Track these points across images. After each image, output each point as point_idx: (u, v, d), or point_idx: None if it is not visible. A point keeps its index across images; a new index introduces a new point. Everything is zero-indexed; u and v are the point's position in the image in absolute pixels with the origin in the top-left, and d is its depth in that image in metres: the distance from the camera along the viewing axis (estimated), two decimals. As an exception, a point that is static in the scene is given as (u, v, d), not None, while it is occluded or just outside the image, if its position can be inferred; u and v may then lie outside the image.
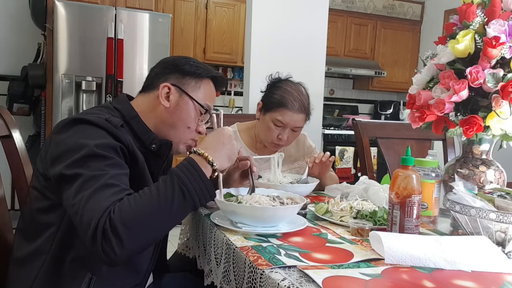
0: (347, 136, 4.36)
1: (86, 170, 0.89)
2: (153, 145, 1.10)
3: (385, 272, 0.86)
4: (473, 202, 0.99)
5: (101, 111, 1.06)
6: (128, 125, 1.08)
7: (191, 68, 1.14)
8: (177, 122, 1.13)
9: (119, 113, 1.09)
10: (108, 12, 3.40)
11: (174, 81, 1.13)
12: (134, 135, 1.09)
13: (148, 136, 1.10)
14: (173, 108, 1.12)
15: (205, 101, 1.16)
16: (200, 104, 1.14)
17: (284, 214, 1.12)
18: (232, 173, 1.34)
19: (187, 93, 1.13)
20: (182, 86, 1.13)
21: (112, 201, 0.86)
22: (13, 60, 3.78)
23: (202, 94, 1.15)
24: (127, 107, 1.12)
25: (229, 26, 4.32)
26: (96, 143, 0.92)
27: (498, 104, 1.11)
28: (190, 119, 1.14)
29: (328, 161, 1.61)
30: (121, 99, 1.15)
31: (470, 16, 1.20)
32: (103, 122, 0.96)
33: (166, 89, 1.12)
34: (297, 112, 1.64)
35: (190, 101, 1.13)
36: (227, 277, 1.01)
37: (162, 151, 1.13)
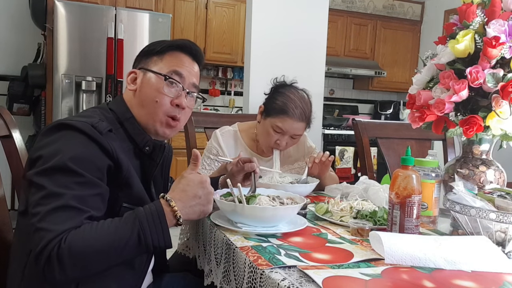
0: (347, 136, 4.36)
1: (51, 184, 0.87)
2: (146, 147, 1.09)
3: (385, 272, 0.86)
4: (473, 202, 0.99)
5: (94, 113, 1.06)
6: (122, 126, 1.08)
7: (154, 46, 1.15)
8: (144, 100, 1.10)
9: (114, 114, 1.09)
10: (108, 12, 3.40)
11: (140, 65, 1.15)
12: (128, 137, 1.08)
13: (142, 137, 1.09)
14: (139, 88, 1.12)
15: (169, 68, 1.12)
16: (159, 73, 1.10)
17: (284, 214, 1.12)
18: (236, 174, 1.35)
19: (147, 69, 1.12)
20: (145, 66, 1.13)
21: (67, 227, 0.84)
22: (13, 60, 3.78)
23: (165, 64, 1.12)
24: (123, 108, 1.11)
25: (229, 26, 4.32)
26: (72, 156, 0.90)
27: (498, 104, 1.11)
28: (155, 92, 1.09)
29: (327, 160, 1.61)
30: (117, 100, 1.14)
31: (470, 16, 1.20)
32: (88, 127, 0.94)
33: (133, 74, 1.14)
34: (298, 120, 1.63)
35: (151, 75, 1.11)
36: (227, 277, 1.01)
37: (156, 154, 1.12)
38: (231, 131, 1.78)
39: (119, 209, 1.00)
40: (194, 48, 1.18)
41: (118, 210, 0.99)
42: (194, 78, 1.16)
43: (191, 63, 1.17)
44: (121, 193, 1.00)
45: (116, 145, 0.99)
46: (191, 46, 1.17)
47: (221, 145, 1.72)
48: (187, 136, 1.95)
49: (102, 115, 1.06)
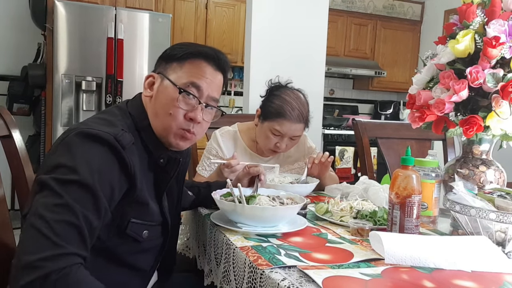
0: (347, 136, 4.35)
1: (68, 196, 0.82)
2: (161, 159, 1.04)
3: (385, 272, 0.86)
4: (473, 202, 0.99)
5: (116, 118, 1.00)
6: (140, 134, 1.03)
7: (175, 51, 1.06)
8: (158, 110, 1.04)
9: (133, 119, 1.04)
10: (108, 12, 3.39)
11: (159, 70, 1.07)
12: (145, 146, 1.03)
13: (157, 149, 1.05)
14: (155, 96, 1.05)
15: (187, 79, 1.03)
16: (175, 83, 1.03)
17: (284, 214, 1.12)
18: (241, 178, 1.35)
19: (166, 76, 1.05)
20: (164, 72, 1.06)
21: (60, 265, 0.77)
22: (13, 60, 3.78)
23: (184, 73, 1.04)
24: (141, 114, 1.05)
25: (229, 26, 4.32)
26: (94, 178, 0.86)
27: (498, 104, 1.11)
28: (169, 104, 1.02)
29: (327, 161, 1.61)
30: (137, 103, 1.08)
31: (470, 16, 1.20)
32: (112, 140, 0.90)
33: (151, 78, 1.07)
34: (296, 121, 1.62)
35: (168, 84, 1.03)
36: (227, 277, 1.01)
37: (170, 167, 1.06)
38: (230, 131, 1.78)
39: (127, 224, 0.97)
40: (219, 56, 1.09)
41: (126, 225, 0.97)
42: (215, 91, 1.08)
43: (214, 73, 1.07)
44: (130, 209, 0.97)
45: (135, 160, 0.95)
46: (216, 55, 1.08)
47: (221, 146, 1.72)
48: (187, 136, 1.94)
49: (124, 122, 1.01)
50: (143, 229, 1.00)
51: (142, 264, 1.07)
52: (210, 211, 1.26)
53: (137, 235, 1.00)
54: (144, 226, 1.01)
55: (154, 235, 1.05)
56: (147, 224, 1.02)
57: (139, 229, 1.00)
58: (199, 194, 1.36)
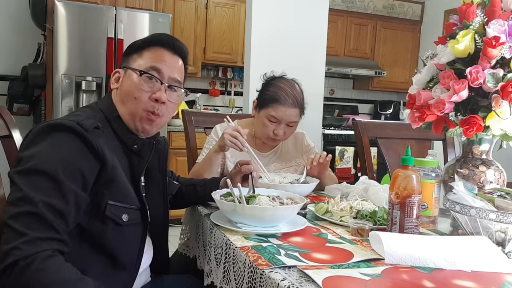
0: (347, 136, 4.35)
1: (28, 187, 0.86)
2: (134, 145, 1.10)
3: (385, 272, 0.86)
4: (473, 202, 0.99)
5: (83, 112, 1.07)
6: (110, 125, 1.09)
7: (133, 43, 1.15)
8: (124, 97, 1.12)
9: (102, 113, 1.10)
10: (108, 12, 3.39)
11: (123, 64, 1.15)
12: (117, 136, 1.09)
13: (129, 136, 1.10)
14: (120, 86, 1.14)
15: (148, 64, 1.11)
16: (136, 69, 1.11)
17: (284, 214, 1.12)
18: (233, 176, 1.36)
19: (128, 66, 1.13)
20: (126, 64, 1.14)
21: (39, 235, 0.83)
22: (13, 60, 3.78)
23: (144, 60, 1.12)
24: (110, 107, 1.12)
25: (229, 26, 4.32)
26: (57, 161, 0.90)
27: (498, 104, 1.11)
28: (134, 89, 1.10)
29: (325, 161, 1.61)
30: (105, 99, 1.16)
31: (470, 16, 1.20)
32: (74, 125, 0.95)
33: (117, 74, 1.15)
34: (291, 106, 1.65)
35: (131, 72, 1.12)
36: (227, 277, 1.01)
37: (144, 151, 1.12)
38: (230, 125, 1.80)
39: (105, 206, 1.00)
40: (173, 42, 1.16)
41: (104, 208, 1.00)
42: (176, 72, 1.15)
43: (172, 57, 1.15)
44: (107, 190, 1.00)
45: (102, 142, 0.99)
46: (170, 40, 1.16)
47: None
48: (187, 136, 1.95)
49: (91, 114, 1.07)
50: (122, 211, 1.03)
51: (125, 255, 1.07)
52: (210, 211, 1.26)
53: (117, 217, 1.02)
54: (123, 208, 1.03)
55: (134, 219, 1.07)
56: (126, 207, 1.04)
57: (118, 211, 1.02)
58: (195, 191, 1.39)
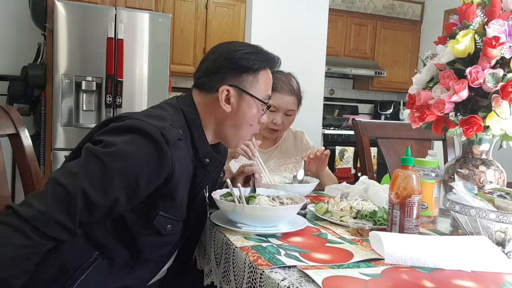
0: (347, 136, 4.35)
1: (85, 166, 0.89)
2: (206, 159, 1.08)
3: (385, 272, 0.86)
4: (473, 202, 0.99)
5: (166, 113, 1.04)
6: (190, 131, 1.07)
7: (247, 63, 1.09)
8: (240, 123, 1.12)
9: (183, 116, 1.07)
10: (108, 12, 3.39)
11: (232, 81, 1.09)
12: (192, 142, 1.07)
13: (204, 148, 1.08)
14: (235, 110, 1.10)
15: (265, 92, 1.14)
16: (261, 99, 1.12)
17: (284, 214, 1.12)
18: (236, 177, 1.36)
19: (247, 91, 1.10)
20: (240, 85, 1.09)
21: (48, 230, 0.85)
22: (13, 60, 3.78)
23: (261, 87, 1.12)
24: (193, 112, 1.09)
25: (229, 26, 4.32)
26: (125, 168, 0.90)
27: (498, 104, 1.11)
28: (253, 117, 1.13)
29: (323, 155, 1.62)
30: (188, 101, 1.11)
31: (470, 16, 1.20)
32: (157, 134, 0.92)
33: (226, 92, 1.09)
34: (287, 94, 1.71)
35: (251, 99, 1.11)
36: (227, 277, 1.01)
37: (212, 167, 1.10)
38: None
39: (155, 216, 0.99)
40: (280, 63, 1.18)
41: (154, 217, 0.99)
42: None
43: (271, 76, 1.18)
44: (162, 203, 0.99)
45: (179, 155, 0.97)
46: (279, 63, 1.18)
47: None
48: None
49: (174, 117, 1.04)
50: (168, 223, 1.02)
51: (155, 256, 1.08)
52: (210, 211, 1.26)
53: (162, 228, 1.01)
54: (170, 220, 1.02)
55: (176, 229, 1.06)
56: (173, 219, 1.03)
57: (165, 222, 1.02)
58: None
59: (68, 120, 3.31)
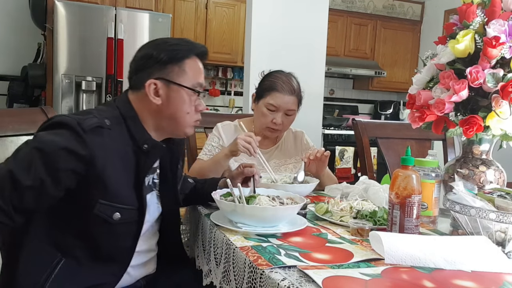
0: (347, 136, 4.35)
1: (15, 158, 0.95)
2: (145, 145, 1.10)
3: (385, 272, 0.86)
4: (473, 202, 0.99)
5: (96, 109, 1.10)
6: (125, 123, 1.10)
7: (170, 53, 1.12)
8: (174, 113, 1.13)
9: (118, 112, 1.11)
10: (108, 12, 3.39)
11: (157, 75, 1.11)
12: (128, 133, 1.10)
13: (142, 136, 1.11)
14: (166, 102, 1.12)
15: (194, 80, 1.14)
16: (190, 87, 1.13)
17: (284, 214, 1.12)
18: (235, 177, 1.37)
19: (173, 82, 1.12)
20: (166, 77, 1.12)
21: None
22: (13, 60, 3.78)
23: (189, 75, 1.13)
24: (127, 106, 1.13)
25: (229, 26, 4.32)
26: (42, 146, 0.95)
27: (498, 104, 1.11)
28: (186, 105, 1.14)
29: (323, 156, 1.61)
30: (123, 99, 1.15)
31: (470, 16, 1.20)
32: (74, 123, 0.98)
33: (153, 85, 1.11)
34: (288, 94, 1.70)
35: (179, 88, 1.12)
36: (227, 277, 1.01)
37: (153, 153, 1.12)
38: (231, 124, 1.84)
39: (94, 205, 1.02)
40: (207, 54, 1.20)
41: (93, 205, 1.02)
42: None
43: (201, 65, 1.19)
44: (96, 190, 1.01)
45: (100, 142, 1.00)
46: (207, 54, 1.20)
47: (221, 135, 1.78)
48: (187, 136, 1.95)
49: (104, 112, 1.08)
50: (113, 211, 1.04)
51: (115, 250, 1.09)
52: (210, 211, 1.26)
53: (107, 216, 1.03)
54: (115, 208, 1.04)
55: (127, 218, 1.07)
56: (118, 207, 1.05)
57: (109, 210, 1.03)
58: (195, 189, 1.40)
59: (68, 120, 3.31)
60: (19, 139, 1.26)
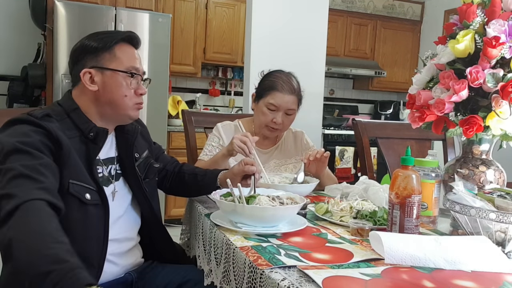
0: (347, 136, 4.35)
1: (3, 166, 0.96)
2: (90, 133, 1.15)
3: (385, 272, 0.86)
4: (473, 202, 0.99)
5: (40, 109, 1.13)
6: (69, 117, 1.15)
7: (98, 43, 1.19)
8: (112, 98, 1.18)
9: (61, 107, 1.16)
10: (108, 12, 3.39)
11: (90, 64, 1.18)
12: (75, 126, 1.15)
13: (86, 125, 1.15)
14: (102, 88, 1.17)
15: (128, 64, 1.19)
16: (122, 70, 1.18)
17: (284, 214, 1.12)
18: (236, 173, 1.37)
19: (106, 67, 1.17)
20: (99, 64, 1.17)
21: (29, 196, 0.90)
22: (13, 60, 3.78)
23: (121, 60, 1.19)
24: (69, 101, 1.19)
25: (229, 26, 4.32)
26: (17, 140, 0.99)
27: (498, 104, 1.11)
28: (123, 89, 1.18)
29: (323, 157, 1.62)
30: (65, 97, 1.22)
31: (470, 16, 1.20)
32: (25, 116, 1.05)
33: (88, 74, 1.17)
34: (288, 93, 1.71)
35: (113, 73, 1.18)
36: (227, 277, 1.01)
37: (99, 139, 1.17)
38: (231, 124, 1.85)
39: (68, 185, 1.05)
40: (136, 38, 1.26)
41: (67, 187, 1.05)
42: (142, 65, 1.26)
43: (135, 51, 1.25)
44: (66, 171, 1.06)
45: (55, 126, 1.06)
46: (136, 38, 1.26)
47: (222, 135, 1.78)
48: (187, 136, 1.95)
49: (48, 109, 1.13)
50: (84, 191, 1.09)
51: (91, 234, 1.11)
52: (210, 211, 1.26)
53: (81, 196, 1.08)
54: (85, 188, 1.09)
55: (95, 199, 1.12)
56: (87, 187, 1.10)
57: (81, 190, 1.08)
58: (196, 180, 1.43)
59: (68, 120, 3.31)
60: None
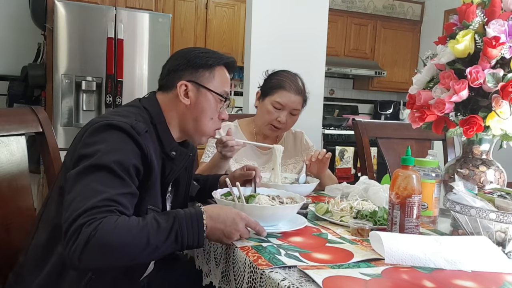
0: (347, 136, 4.35)
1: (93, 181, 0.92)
2: (173, 152, 1.13)
3: (385, 272, 0.86)
4: (473, 202, 0.99)
5: (130, 112, 1.10)
6: (155, 128, 1.12)
7: (202, 60, 1.18)
8: (199, 116, 1.17)
9: (148, 114, 1.13)
10: (108, 12, 3.39)
11: (189, 77, 1.17)
12: (158, 138, 1.12)
13: (170, 142, 1.14)
14: (194, 104, 1.17)
15: (222, 88, 1.20)
16: (218, 93, 1.18)
17: (283, 213, 1.12)
18: (237, 177, 1.38)
19: (203, 85, 1.17)
20: (197, 80, 1.17)
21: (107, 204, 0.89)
22: (13, 60, 3.78)
23: (218, 82, 1.19)
24: (157, 110, 1.15)
25: (229, 26, 4.32)
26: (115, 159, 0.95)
27: (498, 104, 1.11)
28: (212, 110, 1.19)
29: (324, 158, 1.62)
30: (152, 100, 1.18)
31: (470, 16, 1.20)
32: (128, 127, 1.00)
33: (184, 86, 1.16)
34: (295, 93, 1.72)
35: (208, 92, 1.17)
36: (227, 277, 1.01)
37: (179, 160, 1.15)
38: (231, 125, 1.84)
39: (146, 211, 1.03)
40: (235, 66, 1.27)
41: (145, 212, 1.02)
42: None
43: (229, 75, 1.26)
44: (147, 195, 1.03)
45: (150, 146, 1.04)
46: (235, 66, 1.27)
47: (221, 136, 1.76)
48: (187, 136, 1.95)
49: (139, 115, 1.09)
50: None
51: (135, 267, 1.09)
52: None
53: None
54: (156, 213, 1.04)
55: None
56: (158, 210, 1.08)
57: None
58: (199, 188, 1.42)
59: (68, 120, 3.31)
60: (9, 139, 1.25)
